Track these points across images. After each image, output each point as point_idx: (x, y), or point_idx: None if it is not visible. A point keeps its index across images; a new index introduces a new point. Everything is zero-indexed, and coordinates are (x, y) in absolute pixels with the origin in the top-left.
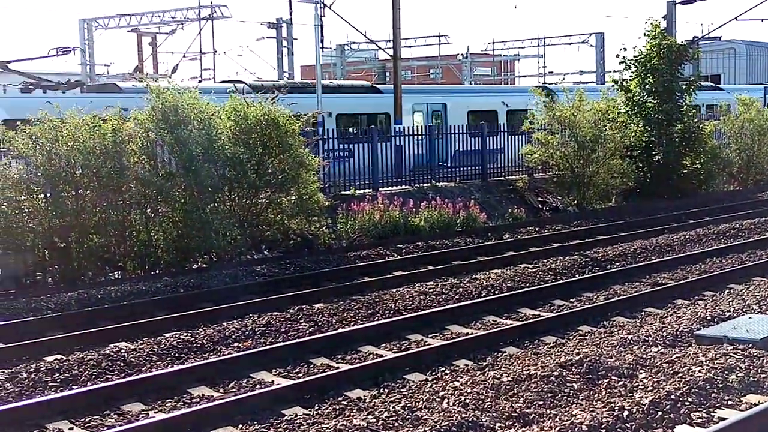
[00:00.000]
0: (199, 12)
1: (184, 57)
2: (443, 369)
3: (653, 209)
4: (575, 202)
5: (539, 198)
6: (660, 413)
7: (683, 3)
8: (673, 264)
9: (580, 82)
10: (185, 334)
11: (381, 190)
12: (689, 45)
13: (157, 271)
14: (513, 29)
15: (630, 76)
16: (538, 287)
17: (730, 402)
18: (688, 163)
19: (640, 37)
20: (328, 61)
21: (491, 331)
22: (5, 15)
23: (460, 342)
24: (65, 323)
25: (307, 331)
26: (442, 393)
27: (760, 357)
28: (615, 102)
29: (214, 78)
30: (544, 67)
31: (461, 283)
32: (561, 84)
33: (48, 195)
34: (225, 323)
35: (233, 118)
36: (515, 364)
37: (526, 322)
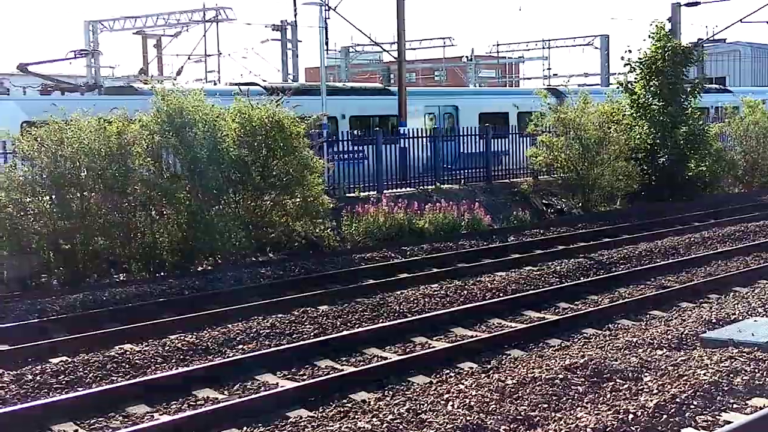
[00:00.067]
0: (204, 14)
1: (188, 59)
2: (448, 371)
3: (658, 212)
4: (580, 204)
5: (544, 200)
6: (665, 416)
7: (688, 5)
8: (678, 267)
9: (584, 84)
10: (190, 336)
11: (385, 192)
12: (694, 47)
13: (162, 273)
14: (517, 31)
15: (635, 78)
16: (542, 290)
17: (735, 405)
18: (693, 166)
19: (645, 40)
20: (332, 64)
21: (496, 334)
22: (8, 18)
23: (464, 344)
24: (70, 325)
25: (312, 333)
26: (446, 396)
27: (765, 360)
28: (620, 104)
29: (217, 80)
30: (548, 70)
31: (466, 286)
32: (566, 86)
33: (53, 197)
34: (230, 325)
35: (238, 120)
36: (520, 366)
37: (530, 324)
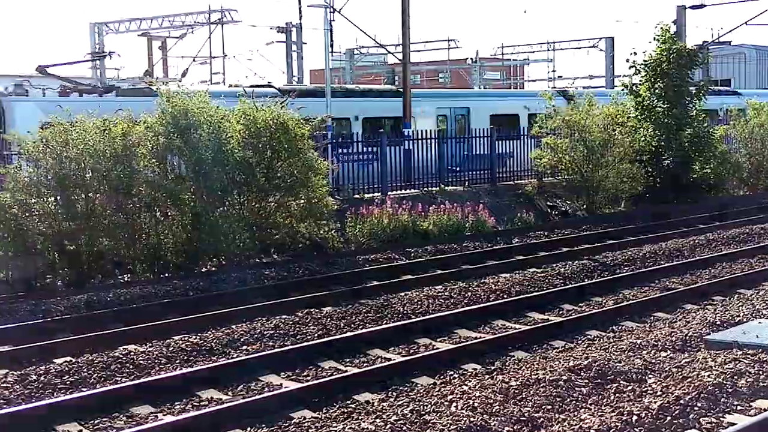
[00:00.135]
0: (209, 16)
1: (194, 61)
2: (452, 373)
3: (662, 214)
4: (584, 206)
5: (548, 202)
6: (669, 418)
7: (693, 8)
8: (683, 269)
9: (589, 86)
10: (194, 336)
11: (390, 193)
12: (699, 49)
13: (167, 274)
14: (522, 33)
15: (640, 80)
16: (547, 291)
17: (739, 407)
18: (697, 168)
19: (650, 42)
20: (337, 65)
21: (500, 335)
22: (12, 20)
23: (468, 346)
24: (75, 325)
25: (316, 335)
26: (450, 397)
27: None
28: (624, 106)
29: (222, 81)
30: (553, 72)
31: (470, 287)
32: (571, 88)
33: (58, 198)
34: (234, 326)
35: (242, 121)
36: (524, 368)
37: (534, 326)
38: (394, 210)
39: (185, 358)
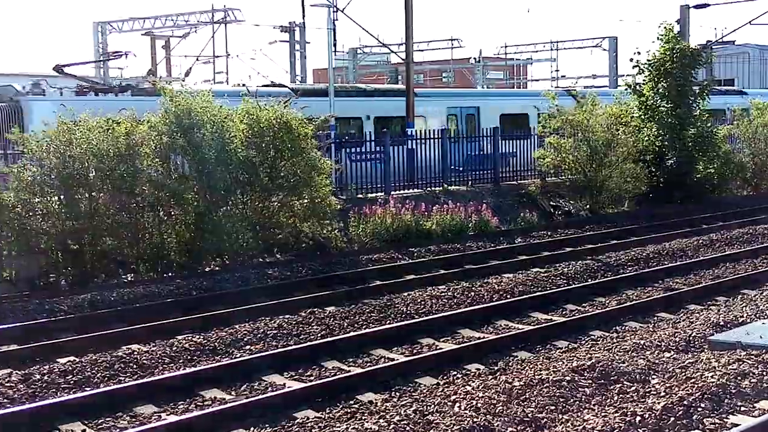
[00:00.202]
0: (213, 15)
1: (197, 60)
2: (455, 373)
3: (666, 214)
4: (587, 206)
5: (551, 202)
6: (672, 419)
7: (697, 7)
8: (686, 269)
9: (593, 86)
10: (197, 336)
11: (393, 193)
12: (702, 49)
13: (170, 274)
14: (526, 33)
15: (643, 80)
16: (550, 291)
17: (743, 408)
18: (701, 168)
19: (653, 41)
20: (340, 65)
21: (503, 335)
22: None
23: (471, 346)
24: (78, 325)
25: (319, 334)
26: (453, 397)
27: None
28: (628, 106)
29: (226, 81)
30: (556, 71)
31: (473, 287)
32: (574, 88)
33: (62, 197)
34: (237, 326)
35: (246, 121)
36: (527, 368)
37: (538, 326)
38: (397, 210)
39: (189, 357)
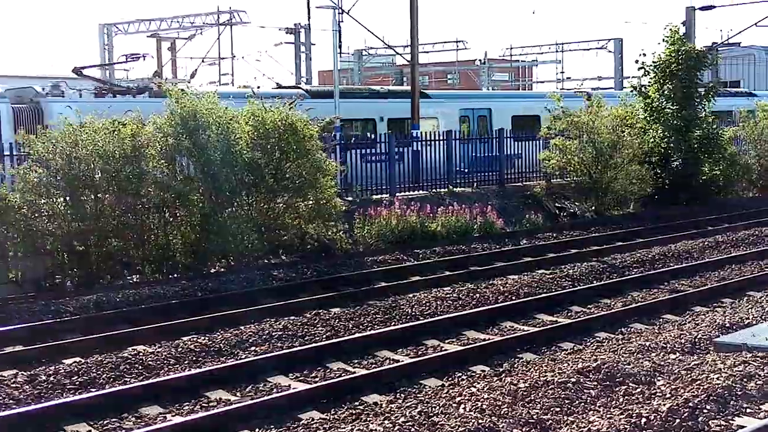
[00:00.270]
0: (218, 17)
1: (202, 62)
2: (460, 374)
3: (671, 216)
4: (593, 208)
5: (557, 204)
6: (678, 421)
7: (703, 9)
8: (692, 271)
9: (598, 87)
10: (203, 337)
11: (398, 195)
12: (708, 51)
13: (175, 275)
14: (531, 35)
15: (649, 81)
16: (555, 293)
17: (748, 410)
18: (706, 170)
19: (659, 43)
20: (345, 67)
21: (508, 337)
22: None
23: (476, 347)
24: (84, 326)
25: (324, 336)
26: (458, 398)
27: None
28: (633, 108)
29: (231, 82)
30: (562, 73)
31: (478, 289)
32: (579, 89)
33: (67, 199)
34: (242, 327)
35: (251, 123)
36: (532, 370)
37: (543, 328)
38: (402, 211)
39: (194, 358)
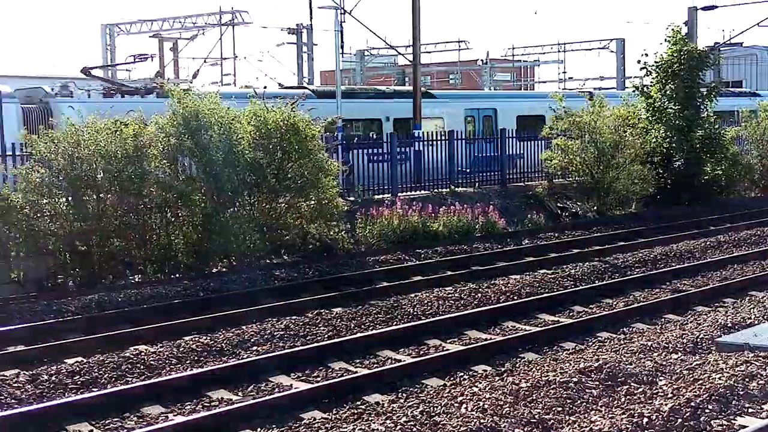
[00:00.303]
0: (220, 18)
1: (205, 62)
2: (462, 374)
3: (673, 216)
4: (595, 208)
5: (559, 204)
6: (680, 421)
7: (705, 9)
8: (694, 270)
9: (600, 87)
10: (204, 337)
11: (400, 195)
12: (710, 51)
13: (177, 275)
14: (533, 35)
15: (651, 81)
16: (557, 293)
17: (750, 410)
18: (708, 170)
19: (661, 43)
20: (347, 67)
21: (510, 337)
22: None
23: (478, 347)
24: (85, 326)
25: (326, 336)
26: (460, 398)
27: None
28: (635, 108)
29: (233, 82)
30: (564, 73)
31: (480, 289)
32: (582, 89)
33: (69, 199)
34: (244, 327)
35: (253, 123)
36: (534, 369)
37: (545, 327)
38: (404, 211)
39: (196, 358)
